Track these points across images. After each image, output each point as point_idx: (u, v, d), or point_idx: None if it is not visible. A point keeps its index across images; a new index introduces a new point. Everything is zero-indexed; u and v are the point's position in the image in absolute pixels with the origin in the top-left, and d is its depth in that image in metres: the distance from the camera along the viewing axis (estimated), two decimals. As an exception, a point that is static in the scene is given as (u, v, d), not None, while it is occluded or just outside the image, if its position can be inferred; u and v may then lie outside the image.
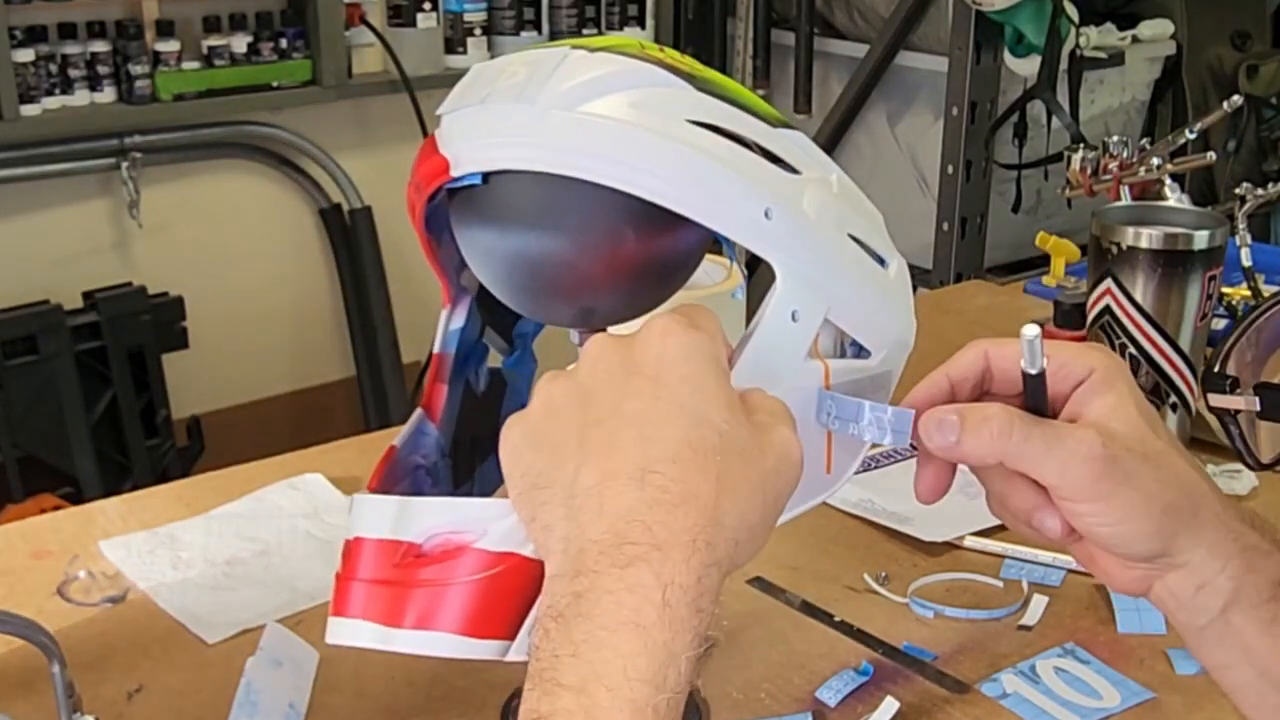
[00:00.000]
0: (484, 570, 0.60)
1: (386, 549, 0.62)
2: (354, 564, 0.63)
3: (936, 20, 2.72)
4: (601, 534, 0.51)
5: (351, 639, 0.63)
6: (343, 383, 3.13)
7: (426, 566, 0.61)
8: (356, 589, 0.62)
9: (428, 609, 0.61)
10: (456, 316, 0.75)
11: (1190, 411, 1.13)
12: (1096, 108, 2.81)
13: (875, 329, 0.67)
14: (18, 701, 0.83)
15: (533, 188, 0.63)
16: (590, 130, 0.61)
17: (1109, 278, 1.10)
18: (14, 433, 2.56)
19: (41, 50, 2.58)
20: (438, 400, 0.75)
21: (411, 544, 0.62)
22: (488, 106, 0.63)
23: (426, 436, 0.75)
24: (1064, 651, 0.89)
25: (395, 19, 2.95)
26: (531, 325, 0.80)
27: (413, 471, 0.74)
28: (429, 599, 0.61)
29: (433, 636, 0.61)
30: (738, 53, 3.16)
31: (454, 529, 0.61)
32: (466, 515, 0.61)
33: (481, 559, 0.60)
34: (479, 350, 0.77)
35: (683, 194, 0.61)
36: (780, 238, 0.63)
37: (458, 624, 0.60)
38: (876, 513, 1.04)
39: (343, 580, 0.63)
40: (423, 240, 0.71)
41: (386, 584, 0.62)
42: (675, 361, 0.55)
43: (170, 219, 2.82)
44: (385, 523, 0.62)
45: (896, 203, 2.90)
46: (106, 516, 1.06)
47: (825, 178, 0.66)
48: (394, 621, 0.61)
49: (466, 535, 0.61)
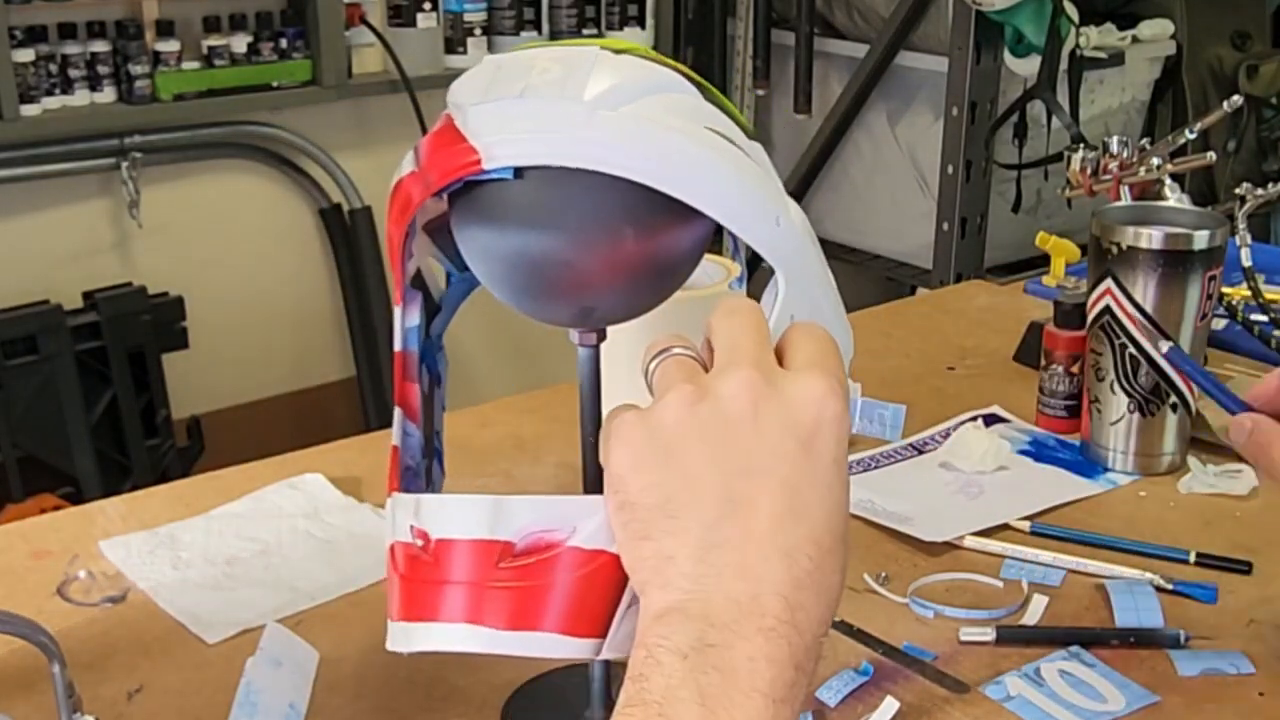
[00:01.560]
0: (580, 568, 0.60)
1: (484, 549, 0.61)
2: (443, 566, 0.62)
3: (936, 20, 2.72)
4: (743, 596, 0.52)
5: (447, 644, 0.62)
6: (343, 383, 3.13)
7: (524, 566, 0.61)
8: (451, 592, 0.62)
9: (530, 609, 0.60)
10: (410, 314, 0.75)
11: (1190, 411, 1.13)
12: (1096, 108, 2.81)
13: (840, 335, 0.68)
14: (18, 701, 0.83)
15: (538, 187, 0.63)
16: (632, 131, 0.61)
17: (1109, 278, 1.10)
18: (14, 433, 2.56)
19: (41, 50, 2.58)
20: (412, 399, 0.74)
21: (508, 543, 0.61)
22: (527, 101, 0.62)
23: (410, 437, 0.74)
24: (1069, 654, 0.89)
25: (395, 19, 2.95)
26: (441, 324, 0.80)
27: (404, 473, 0.74)
28: (531, 599, 0.60)
29: (536, 637, 0.60)
30: (738, 53, 3.16)
31: (546, 527, 0.61)
32: (557, 513, 0.61)
33: (577, 557, 0.60)
34: (428, 349, 0.77)
35: (716, 199, 0.62)
36: (787, 244, 0.64)
37: (559, 623, 0.60)
38: (876, 513, 1.04)
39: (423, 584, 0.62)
40: (400, 235, 0.70)
41: (484, 585, 0.61)
42: (830, 438, 0.54)
43: (170, 219, 2.82)
44: (481, 522, 0.62)
45: (897, 203, 2.91)
46: (106, 516, 1.06)
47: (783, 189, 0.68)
48: (497, 623, 0.61)
49: (558, 533, 0.61)
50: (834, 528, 0.54)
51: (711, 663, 0.50)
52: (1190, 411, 1.13)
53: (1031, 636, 0.91)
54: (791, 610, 0.51)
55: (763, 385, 0.54)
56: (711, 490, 0.53)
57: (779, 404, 0.54)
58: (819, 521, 0.53)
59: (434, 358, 0.78)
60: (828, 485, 0.54)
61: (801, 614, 0.52)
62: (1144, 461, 1.13)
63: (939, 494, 1.09)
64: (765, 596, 0.51)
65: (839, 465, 0.54)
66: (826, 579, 0.53)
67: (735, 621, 0.51)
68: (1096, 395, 1.14)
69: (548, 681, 0.84)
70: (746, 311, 0.58)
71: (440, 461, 0.80)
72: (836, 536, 0.54)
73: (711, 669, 0.50)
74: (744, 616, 0.51)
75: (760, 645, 0.51)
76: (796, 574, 0.52)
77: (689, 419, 0.54)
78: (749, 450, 0.53)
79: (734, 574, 0.52)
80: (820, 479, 0.54)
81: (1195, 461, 1.14)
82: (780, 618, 0.51)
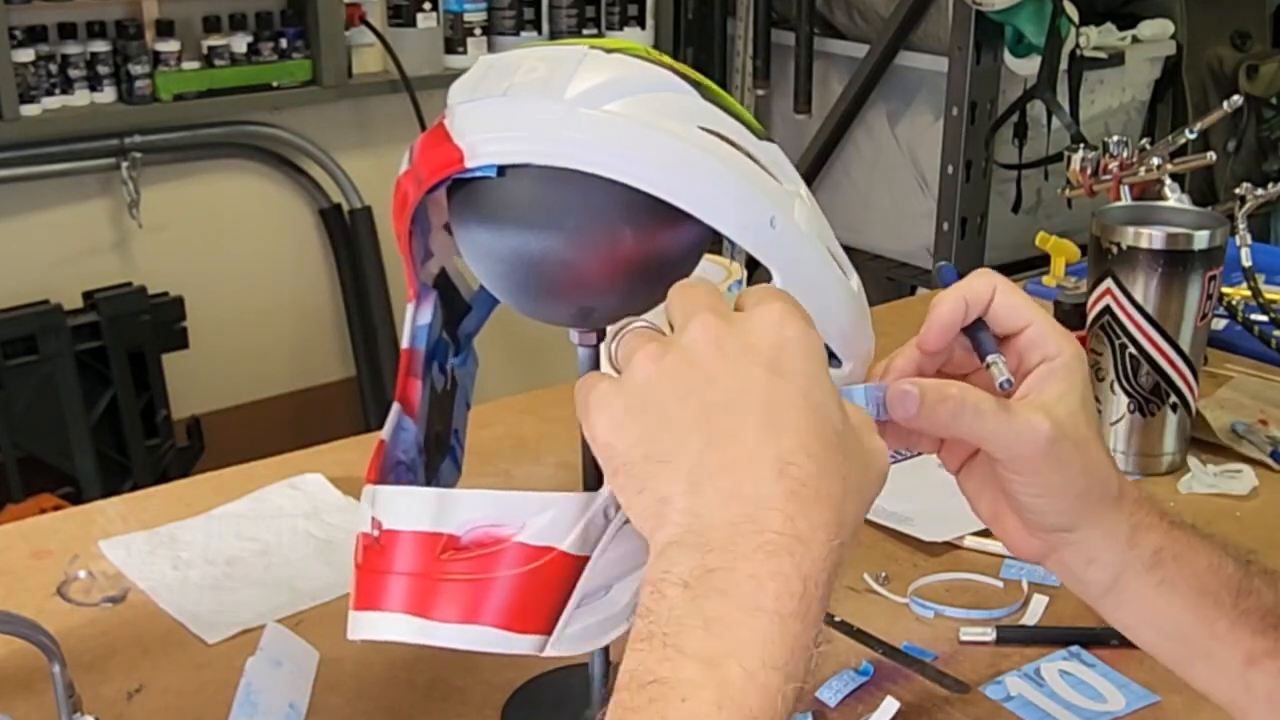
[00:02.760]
0: (525, 564, 0.60)
1: (426, 541, 0.61)
2: (388, 557, 0.62)
3: (936, 20, 2.72)
4: (739, 517, 0.51)
5: (386, 633, 0.62)
6: (343, 383, 3.13)
7: (467, 559, 0.61)
8: (394, 582, 0.62)
9: (470, 602, 0.60)
10: (422, 312, 0.75)
11: (1190, 411, 1.13)
12: (1096, 108, 2.81)
13: (848, 340, 0.68)
14: (18, 701, 0.83)
15: (533, 186, 0.63)
16: (617, 130, 0.61)
17: (1109, 278, 1.10)
18: (14, 433, 2.56)
19: (41, 50, 2.57)
20: (413, 395, 0.74)
21: (452, 536, 0.61)
22: (510, 99, 0.63)
23: (406, 432, 0.74)
24: (1069, 654, 0.89)
25: (395, 19, 2.95)
26: (473, 324, 0.80)
27: (395, 468, 0.74)
28: (471, 592, 0.60)
29: (474, 630, 0.60)
30: (738, 53, 3.16)
31: (493, 522, 0.61)
32: (506, 507, 0.61)
33: (522, 552, 0.60)
34: (442, 347, 0.77)
35: (701, 198, 0.62)
36: (782, 246, 0.64)
37: (499, 618, 0.60)
38: (876, 513, 1.04)
39: (372, 573, 0.63)
40: (405, 234, 0.71)
41: (427, 577, 0.61)
42: (796, 355, 0.55)
43: (170, 219, 2.82)
44: (425, 514, 0.62)
45: (896, 203, 2.91)
46: (106, 516, 1.06)
47: (799, 191, 0.67)
48: (434, 615, 0.61)
49: (505, 528, 0.60)
50: (824, 436, 0.53)
51: (714, 586, 0.50)
52: (1190, 412, 1.13)
53: (1031, 636, 0.91)
54: (791, 520, 0.51)
55: (720, 324, 0.55)
56: (692, 428, 0.53)
57: (738, 335, 0.55)
58: (805, 432, 0.53)
59: (446, 355, 0.78)
60: (804, 397, 0.54)
61: (803, 523, 0.51)
62: (1144, 461, 1.13)
63: (939, 494, 1.08)
64: (761, 513, 0.51)
65: (812, 378, 0.54)
66: (826, 485, 0.52)
67: (733, 543, 0.51)
68: (1097, 395, 1.14)
69: (548, 681, 0.84)
70: (697, 283, 0.59)
71: (456, 459, 0.80)
72: (828, 444, 0.53)
73: (714, 592, 0.50)
74: (741, 537, 0.51)
75: (761, 562, 0.50)
76: (789, 485, 0.52)
77: (657, 372, 0.55)
78: (720, 384, 0.54)
79: (727, 498, 0.52)
80: (796, 394, 0.54)
81: (1195, 461, 1.14)
82: (779, 530, 0.51)
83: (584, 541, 0.61)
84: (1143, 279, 1.09)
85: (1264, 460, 1.14)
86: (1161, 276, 1.08)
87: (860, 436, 0.56)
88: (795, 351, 0.55)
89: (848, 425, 0.55)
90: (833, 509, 0.52)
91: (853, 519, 0.54)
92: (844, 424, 0.55)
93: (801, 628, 0.50)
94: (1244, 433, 1.18)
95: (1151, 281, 1.08)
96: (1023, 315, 0.65)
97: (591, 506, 0.61)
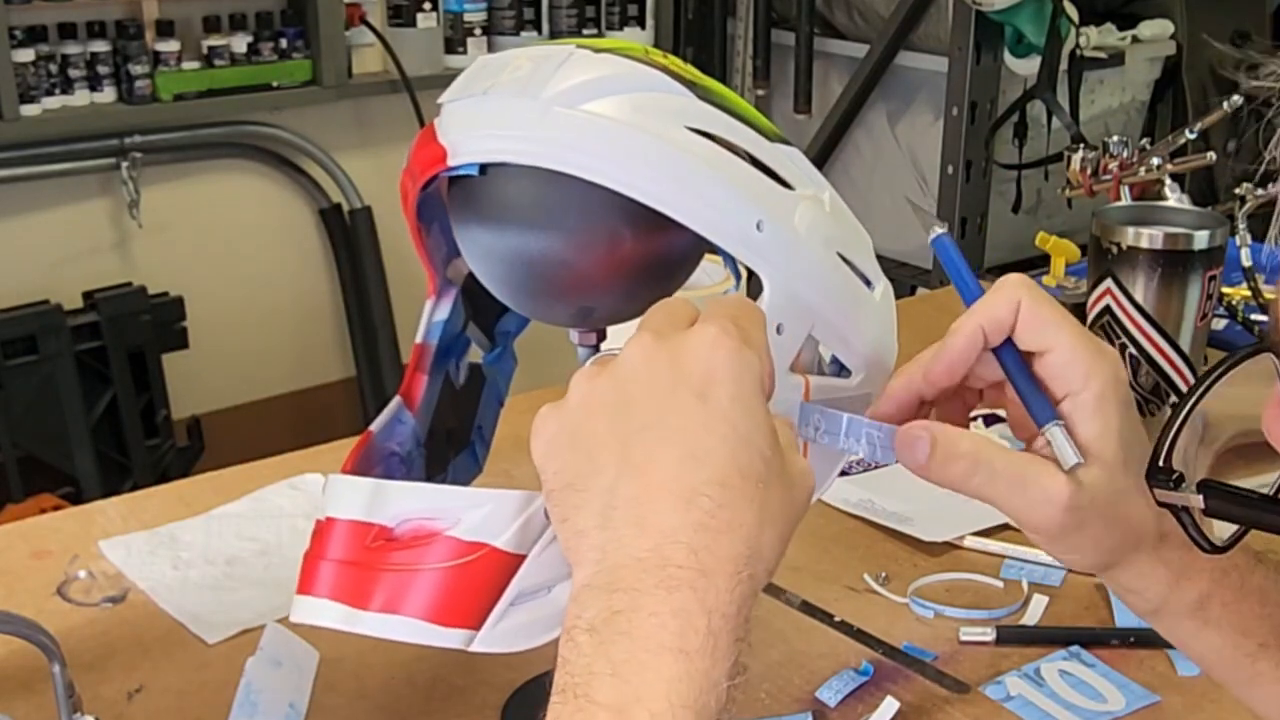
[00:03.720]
0: (454, 558, 0.60)
1: (357, 530, 0.62)
2: (324, 543, 0.63)
3: (936, 20, 2.72)
4: (643, 552, 0.50)
5: (316, 618, 0.63)
6: (343, 383, 3.12)
7: (396, 551, 0.61)
8: (325, 568, 0.62)
9: (395, 593, 0.60)
10: (441, 308, 0.75)
11: (1190, 411, 1.13)
12: (1096, 108, 2.81)
13: (857, 349, 0.67)
14: (18, 701, 0.83)
15: (532, 186, 0.63)
16: (589, 129, 0.61)
17: (1109, 278, 1.10)
18: (14, 433, 2.56)
19: (41, 50, 2.57)
20: (416, 390, 0.75)
21: (384, 527, 0.62)
22: (489, 98, 0.63)
23: (403, 425, 0.75)
24: (1069, 654, 0.89)
25: (395, 19, 2.95)
26: (514, 323, 0.80)
27: (387, 459, 0.74)
28: (397, 583, 0.60)
29: (398, 620, 0.60)
30: (738, 53, 3.16)
31: (427, 515, 0.61)
32: (441, 503, 0.61)
33: (453, 547, 0.60)
34: (461, 343, 0.78)
35: (675, 198, 0.61)
36: (770, 250, 0.63)
37: (424, 610, 0.60)
38: (876, 513, 1.04)
39: (311, 559, 0.63)
40: (413, 229, 0.71)
41: (355, 565, 0.61)
42: (725, 380, 0.53)
43: (170, 219, 2.82)
44: (358, 504, 0.62)
45: (897, 203, 2.90)
46: (106, 516, 1.06)
47: (818, 195, 0.67)
48: (360, 603, 0.61)
49: (439, 522, 0.60)
50: (743, 466, 0.52)
51: (619, 629, 0.49)
52: (1190, 411, 1.13)
53: (1031, 636, 0.91)
54: (696, 554, 0.50)
55: (653, 345, 0.54)
56: (610, 456, 0.53)
57: (667, 358, 0.54)
58: (722, 462, 0.52)
59: (465, 352, 0.78)
60: (730, 425, 0.52)
61: (708, 556, 0.50)
62: (1144, 461, 1.13)
63: (939, 494, 1.08)
64: (666, 546, 0.50)
65: (740, 403, 0.53)
66: (735, 517, 0.51)
67: (638, 579, 0.50)
68: (1096, 395, 1.14)
69: (548, 682, 0.84)
70: (673, 300, 0.58)
71: (476, 455, 0.81)
72: (747, 475, 0.52)
73: (619, 635, 0.49)
74: (646, 572, 0.50)
75: (663, 598, 0.49)
76: (697, 517, 0.50)
77: (588, 395, 0.54)
78: (642, 410, 0.53)
79: (634, 531, 0.51)
80: (719, 421, 0.52)
81: (1195, 461, 1.14)
82: (681, 564, 0.50)
83: (521, 540, 0.60)
84: (1143, 279, 1.09)
85: (1264, 460, 1.14)
86: (1161, 276, 1.08)
87: (786, 461, 0.54)
88: (725, 376, 0.53)
89: (775, 451, 0.54)
90: (744, 540, 0.51)
91: (769, 548, 0.52)
92: (772, 449, 0.53)
93: (710, 663, 0.49)
94: (1244, 433, 1.17)
95: (1151, 281, 1.08)
96: (1046, 339, 0.60)
97: (531, 505, 0.61)
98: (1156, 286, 1.09)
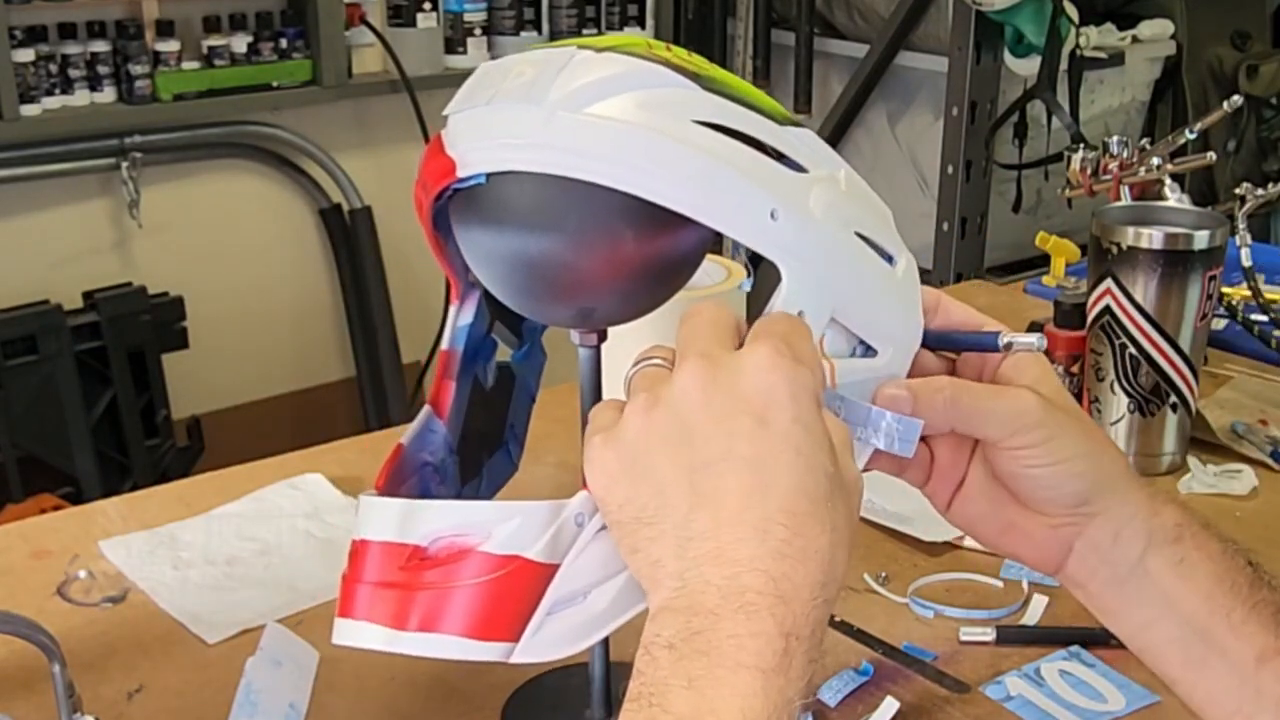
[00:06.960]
0: (488, 573, 0.60)
1: (392, 551, 0.62)
2: (359, 566, 0.63)
3: (936, 20, 2.72)
4: (722, 580, 0.52)
5: (358, 641, 0.63)
6: (343, 383, 3.13)
7: (431, 569, 0.61)
8: (362, 591, 0.62)
9: (432, 611, 0.60)
10: (465, 312, 0.75)
11: (1190, 411, 1.13)
12: (1096, 108, 2.81)
13: (882, 328, 0.66)
14: (18, 701, 0.83)
15: (532, 188, 0.63)
16: (595, 132, 0.60)
17: (1109, 278, 1.10)
18: (14, 433, 2.56)
19: (41, 50, 2.58)
20: (445, 397, 0.75)
21: (417, 547, 0.62)
22: (494, 107, 0.63)
23: (434, 434, 0.74)
24: (1069, 654, 0.89)
25: (395, 19, 2.95)
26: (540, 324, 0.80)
27: (420, 469, 0.74)
28: (434, 601, 0.61)
29: (438, 639, 0.60)
30: (738, 53, 3.16)
31: (458, 532, 0.61)
32: (471, 518, 0.61)
33: (486, 561, 0.60)
34: (487, 345, 0.77)
35: (687, 196, 0.61)
36: (786, 238, 0.62)
37: (462, 626, 0.60)
38: (876, 513, 1.04)
39: (349, 582, 0.63)
40: (430, 238, 0.71)
41: (391, 586, 0.61)
42: (784, 402, 0.54)
43: (170, 219, 2.82)
44: (390, 525, 0.62)
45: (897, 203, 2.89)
46: (106, 516, 1.06)
47: (833, 175, 0.66)
48: (399, 624, 0.61)
49: (471, 538, 0.61)
50: (808, 489, 0.53)
51: (696, 648, 0.51)
52: (1190, 412, 1.13)
53: (1031, 636, 0.91)
54: (775, 582, 0.51)
55: (708, 372, 0.55)
56: (678, 489, 0.54)
57: (726, 385, 0.55)
58: (788, 489, 0.53)
59: (492, 353, 0.78)
60: (794, 449, 0.53)
61: (786, 584, 0.51)
62: (1144, 461, 1.13)
63: (939, 494, 1.09)
64: (744, 575, 0.52)
65: (800, 423, 0.54)
66: (809, 543, 0.52)
67: (718, 606, 0.51)
68: (1096, 395, 1.14)
69: (548, 682, 0.84)
70: (700, 311, 0.59)
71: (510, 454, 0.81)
72: (813, 498, 0.53)
73: (697, 653, 0.51)
74: (725, 598, 0.51)
75: (742, 622, 0.51)
76: (774, 545, 0.52)
77: (646, 427, 0.55)
78: (706, 439, 0.54)
79: (712, 561, 0.52)
80: (782, 446, 0.53)
81: (1195, 461, 1.14)
82: (762, 591, 0.51)
83: (553, 549, 0.61)
84: (1143, 279, 1.09)
85: (1264, 460, 1.14)
86: (1161, 276, 1.08)
87: (842, 468, 0.56)
88: (783, 398, 0.54)
89: (835, 464, 0.55)
90: (820, 567, 0.53)
91: (841, 566, 0.54)
92: (834, 463, 0.55)
93: (785, 682, 0.50)
94: (1244, 433, 1.18)
95: (1151, 281, 1.08)
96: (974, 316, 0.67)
97: (561, 514, 0.61)
98: (1156, 286, 1.09)
